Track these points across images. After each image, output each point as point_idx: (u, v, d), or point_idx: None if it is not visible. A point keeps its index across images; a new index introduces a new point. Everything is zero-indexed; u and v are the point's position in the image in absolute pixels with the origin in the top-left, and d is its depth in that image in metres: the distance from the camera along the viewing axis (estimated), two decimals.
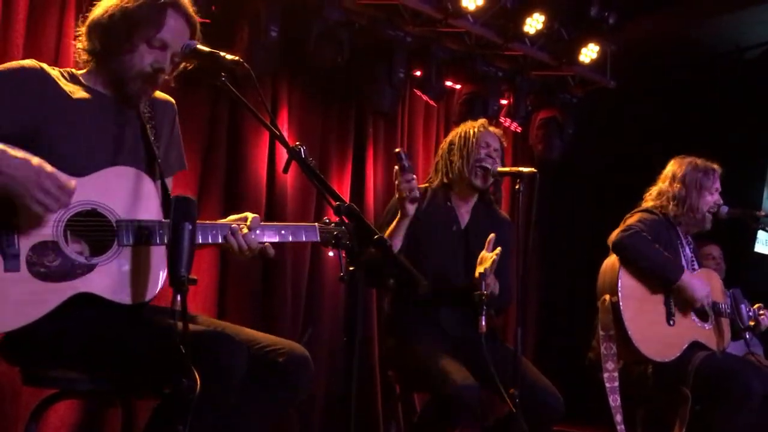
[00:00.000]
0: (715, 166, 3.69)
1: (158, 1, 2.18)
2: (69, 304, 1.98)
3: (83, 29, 2.24)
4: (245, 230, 2.18)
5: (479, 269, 2.98)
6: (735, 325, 3.71)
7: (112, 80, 2.22)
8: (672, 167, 3.73)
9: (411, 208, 2.90)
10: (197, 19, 2.29)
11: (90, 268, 2.02)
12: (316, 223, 2.31)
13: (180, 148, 2.46)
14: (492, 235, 3.06)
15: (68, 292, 1.98)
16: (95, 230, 2.04)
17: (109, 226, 2.05)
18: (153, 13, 2.17)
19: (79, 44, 2.25)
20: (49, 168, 1.91)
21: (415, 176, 2.87)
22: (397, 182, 2.86)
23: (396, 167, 2.85)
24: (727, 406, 3.26)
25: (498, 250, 3.00)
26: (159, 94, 2.41)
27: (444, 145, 3.41)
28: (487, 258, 2.99)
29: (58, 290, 1.97)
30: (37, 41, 3.43)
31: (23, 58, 3.29)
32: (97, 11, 2.22)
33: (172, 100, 2.47)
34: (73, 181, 1.96)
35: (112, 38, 2.17)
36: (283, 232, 2.28)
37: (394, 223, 2.97)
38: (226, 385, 1.98)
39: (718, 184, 3.67)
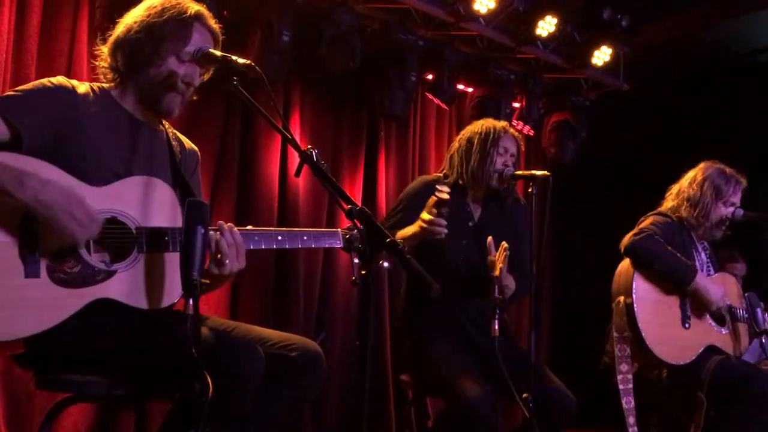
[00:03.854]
0: (741, 179, 3.62)
1: (184, 15, 2.20)
2: (88, 310, 1.99)
3: (106, 48, 2.25)
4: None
5: (495, 272, 2.95)
6: (751, 329, 3.67)
7: (142, 96, 2.23)
8: (698, 169, 3.66)
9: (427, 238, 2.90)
10: (219, 31, 2.31)
11: (110, 275, 2.02)
12: (338, 229, 2.30)
13: (199, 193, 2.45)
14: (490, 239, 3.04)
15: (87, 297, 1.99)
16: (115, 237, 2.05)
17: (129, 233, 2.06)
18: (179, 28, 2.19)
19: (103, 63, 2.26)
20: (79, 194, 1.94)
21: (445, 222, 2.85)
22: (428, 217, 2.83)
23: (434, 206, 2.82)
24: (742, 411, 3.23)
25: (504, 245, 2.97)
26: (186, 140, 2.45)
27: (462, 139, 3.33)
28: (496, 261, 2.98)
29: (78, 296, 1.98)
30: (50, 47, 3.46)
31: (36, 64, 3.35)
32: (119, 29, 2.23)
33: (197, 148, 2.49)
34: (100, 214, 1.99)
35: (140, 54, 2.18)
36: (305, 238, 2.28)
37: (409, 233, 2.93)
38: (241, 393, 1.99)
39: (736, 199, 3.59)
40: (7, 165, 1.90)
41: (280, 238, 2.24)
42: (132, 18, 2.22)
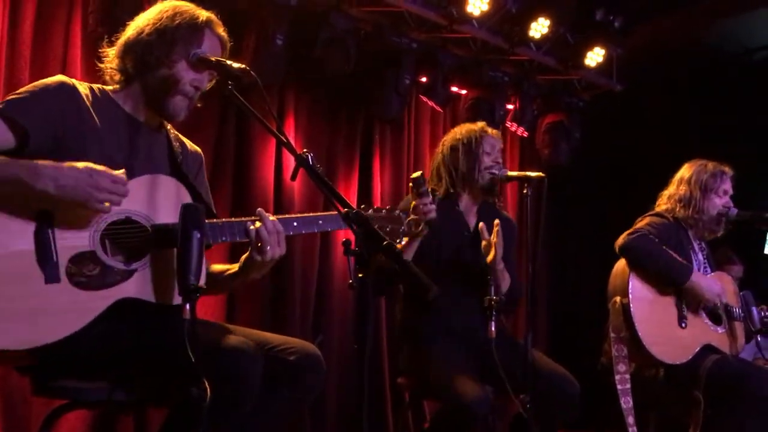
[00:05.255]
0: (726, 169, 3.65)
1: (196, 21, 2.23)
2: (108, 312, 1.98)
3: (114, 50, 2.26)
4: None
5: (489, 258, 2.99)
6: (747, 327, 3.68)
7: (149, 99, 2.24)
8: (683, 170, 3.71)
9: (425, 229, 2.90)
10: (227, 38, 2.32)
11: (129, 274, 2.03)
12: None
13: (208, 196, 2.44)
14: (482, 225, 3.07)
15: (110, 299, 1.99)
16: (131, 237, 2.06)
17: (143, 231, 2.07)
18: (191, 33, 2.20)
19: (110, 65, 2.26)
20: (98, 167, 1.96)
21: (432, 199, 2.86)
22: (413, 205, 2.85)
23: (413, 190, 2.85)
24: (739, 409, 3.24)
25: (496, 222, 3.01)
26: (188, 142, 2.45)
27: (444, 150, 3.35)
28: (491, 244, 3.00)
29: (100, 298, 1.98)
30: (43, 52, 3.45)
31: (30, 67, 3.34)
32: (129, 32, 2.24)
33: (200, 151, 2.50)
34: (121, 171, 2.00)
35: (151, 57, 2.19)
36: (320, 222, 2.27)
37: (405, 239, 2.94)
38: (241, 393, 1.99)
39: (727, 186, 3.63)
40: (19, 160, 1.92)
41: (295, 224, 2.23)
42: (143, 21, 2.23)
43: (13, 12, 3.33)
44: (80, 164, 1.95)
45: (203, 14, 2.26)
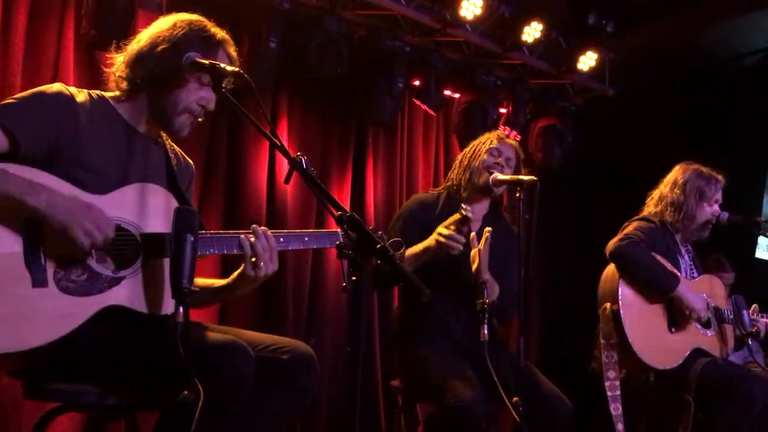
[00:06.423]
0: (720, 177, 3.64)
1: (212, 40, 2.21)
2: (94, 319, 1.98)
3: (123, 57, 2.23)
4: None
5: (473, 266, 2.99)
6: (737, 330, 3.68)
7: (154, 113, 2.23)
8: (676, 172, 3.69)
9: (441, 253, 2.93)
10: (237, 59, 2.30)
11: (117, 281, 2.02)
12: (338, 229, 2.27)
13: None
14: (473, 235, 3.06)
15: (96, 305, 1.98)
16: (120, 245, 2.05)
17: (133, 240, 2.06)
18: (206, 51, 2.18)
19: (118, 72, 2.23)
20: (86, 203, 1.96)
21: (464, 240, 2.89)
22: (447, 232, 2.88)
23: (457, 222, 2.87)
24: (729, 413, 3.25)
25: (487, 229, 3.01)
26: (182, 153, 2.45)
27: (461, 153, 3.45)
28: (476, 254, 3.00)
29: (87, 304, 1.97)
30: (36, 53, 3.44)
31: (23, 70, 3.33)
32: (142, 41, 2.21)
33: (192, 163, 2.49)
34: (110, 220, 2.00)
35: (163, 70, 2.16)
36: (306, 239, 2.29)
37: (418, 250, 2.97)
38: (234, 394, 1.99)
39: (719, 196, 3.63)
40: (20, 175, 1.92)
41: (282, 239, 2.24)
42: (157, 33, 2.20)
43: (6, 14, 3.32)
44: (82, 195, 1.96)
45: (219, 33, 2.24)
